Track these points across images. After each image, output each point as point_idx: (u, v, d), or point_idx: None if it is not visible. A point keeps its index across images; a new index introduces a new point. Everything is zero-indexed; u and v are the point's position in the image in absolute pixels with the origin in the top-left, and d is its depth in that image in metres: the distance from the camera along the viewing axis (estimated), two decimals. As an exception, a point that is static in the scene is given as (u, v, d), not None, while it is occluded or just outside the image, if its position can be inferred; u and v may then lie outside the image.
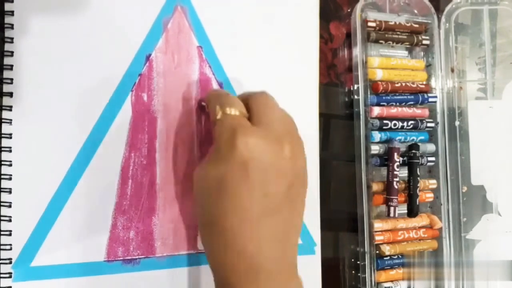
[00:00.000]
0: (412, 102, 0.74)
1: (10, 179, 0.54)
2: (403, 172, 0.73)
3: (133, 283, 0.60)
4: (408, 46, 0.75)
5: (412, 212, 0.72)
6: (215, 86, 0.64)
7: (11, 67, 0.54)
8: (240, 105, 0.55)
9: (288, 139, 0.54)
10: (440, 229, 0.74)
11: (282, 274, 0.54)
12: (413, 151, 0.72)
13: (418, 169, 0.72)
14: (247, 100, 0.56)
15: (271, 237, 0.52)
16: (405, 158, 0.73)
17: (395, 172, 0.71)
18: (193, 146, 0.62)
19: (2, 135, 0.54)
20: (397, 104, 0.73)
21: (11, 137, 0.54)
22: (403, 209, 0.73)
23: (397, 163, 0.71)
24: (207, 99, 0.60)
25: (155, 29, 0.60)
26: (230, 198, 0.50)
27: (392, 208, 0.71)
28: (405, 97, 0.73)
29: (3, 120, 0.54)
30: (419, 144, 0.73)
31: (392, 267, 0.72)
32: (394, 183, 0.71)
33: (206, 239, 0.54)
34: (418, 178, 0.72)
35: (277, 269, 0.53)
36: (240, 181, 0.50)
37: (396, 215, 0.71)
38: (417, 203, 0.72)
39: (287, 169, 0.53)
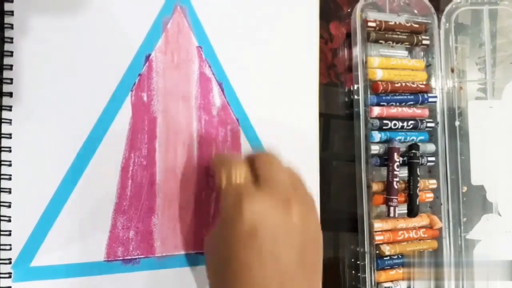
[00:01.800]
0: (412, 102, 0.74)
1: (10, 179, 0.54)
2: (403, 172, 0.73)
3: (132, 283, 0.60)
4: (408, 46, 0.75)
5: (412, 212, 0.72)
6: (214, 86, 0.64)
7: (10, 67, 0.54)
8: (245, 170, 0.55)
9: (296, 199, 0.53)
10: (440, 229, 0.74)
11: None
12: (413, 151, 0.72)
13: (418, 169, 0.72)
14: (252, 161, 0.56)
15: None
16: (405, 158, 0.73)
17: (395, 172, 0.71)
18: (193, 146, 0.62)
19: (2, 135, 0.54)
20: (397, 104, 0.73)
21: (10, 137, 0.54)
22: (403, 209, 0.73)
23: (397, 163, 0.71)
24: (212, 165, 0.60)
25: (155, 29, 0.60)
26: (241, 268, 0.50)
27: (392, 208, 0.71)
28: (405, 97, 0.73)
29: (2, 120, 0.54)
30: (419, 144, 0.73)
31: (392, 267, 0.72)
32: (394, 183, 0.71)
33: None
34: (418, 178, 0.72)
35: None
36: (250, 250, 0.49)
37: (396, 215, 0.71)
38: (417, 203, 0.72)
39: (298, 231, 0.52)
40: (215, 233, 0.54)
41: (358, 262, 0.71)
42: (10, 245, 0.54)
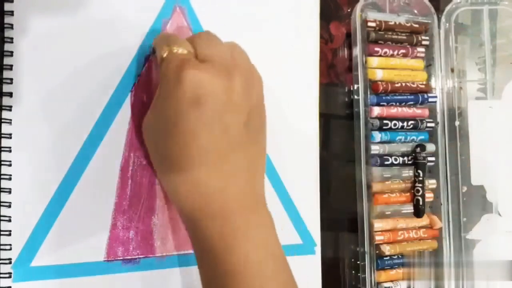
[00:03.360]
0: (412, 102, 0.74)
1: (10, 179, 0.54)
2: (406, 172, 0.73)
3: (133, 283, 0.60)
4: (408, 46, 0.75)
5: (420, 212, 0.72)
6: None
7: (10, 67, 0.54)
8: (188, 45, 0.54)
9: (238, 71, 0.52)
10: (440, 229, 0.74)
11: (251, 208, 0.53)
12: (419, 151, 0.72)
13: (425, 169, 0.73)
14: (193, 40, 0.55)
15: (236, 173, 0.51)
16: (408, 158, 0.73)
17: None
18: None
19: (2, 135, 0.54)
20: (397, 104, 0.73)
21: (10, 137, 0.54)
22: (405, 209, 0.74)
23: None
24: (154, 42, 0.58)
25: (154, 29, 0.60)
26: (188, 138, 0.49)
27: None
28: (405, 97, 0.73)
29: (2, 120, 0.54)
30: (425, 144, 0.73)
31: (392, 267, 0.72)
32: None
33: (168, 184, 0.53)
34: (425, 178, 0.73)
35: (245, 204, 0.53)
36: (195, 119, 0.49)
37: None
38: (424, 204, 0.72)
39: (242, 102, 0.51)
40: (156, 107, 0.53)
41: (358, 262, 0.71)
42: (10, 245, 0.54)
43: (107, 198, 0.58)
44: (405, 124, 0.73)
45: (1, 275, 0.54)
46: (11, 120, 0.54)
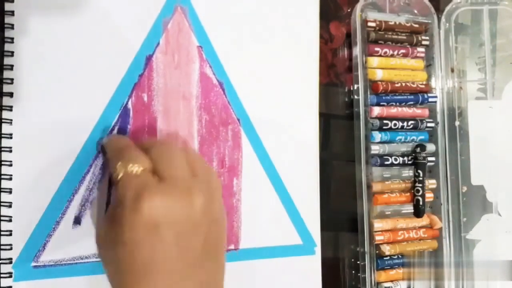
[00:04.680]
0: (412, 102, 0.74)
1: (11, 179, 0.54)
2: (406, 172, 0.73)
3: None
4: (408, 46, 0.75)
5: (420, 212, 0.72)
6: (215, 85, 0.64)
7: (11, 67, 0.54)
8: (143, 159, 0.51)
9: (197, 186, 0.51)
10: (440, 229, 0.74)
11: None
12: (419, 151, 0.72)
13: (425, 169, 0.73)
14: (149, 151, 0.53)
15: None
16: (408, 158, 0.73)
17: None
18: (194, 145, 0.62)
19: (3, 135, 0.54)
20: (397, 104, 0.73)
21: (11, 137, 0.54)
22: (405, 209, 0.74)
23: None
24: (107, 149, 0.57)
25: (155, 29, 0.60)
26: (143, 262, 0.48)
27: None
28: (405, 97, 0.73)
29: (3, 120, 0.54)
30: (425, 144, 0.73)
31: (392, 267, 0.72)
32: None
33: None
34: (425, 178, 0.73)
35: None
36: (152, 246, 0.48)
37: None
38: (424, 204, 0.72)
39: (201, 222, 0.50)
40: (111, 227, 0.50)
41: (358, 262, 0.71)
42: (10, 245, 0.54)
43: (108, 198, 0.58)
44: (405, 124, 0.73)
45: (2, 275, 0.54)
46: (11, 120, 0.54)
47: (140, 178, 0.50)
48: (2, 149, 0.54)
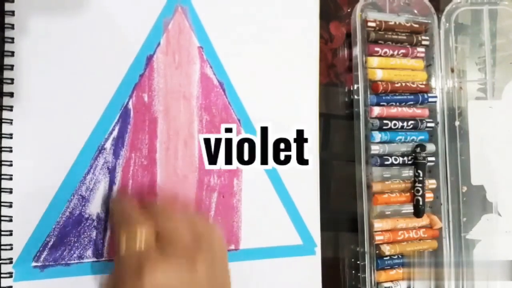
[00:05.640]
0: (412, 102, 0.74)
1: (11, 179, 0.54)
2: (406, 172, 0.74)
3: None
4: (408, 46, 0.75)
5: (420, 212, 0.72)
6: (216, 86, 0.64)
7: (11, 67, 0.54)
8: (146, 232, 0.51)
9: (200, 255, 0.51)
10: (440, 229, 0.74)
11: None
12: (419, 151, 0.72)
13: (425, 169, 0.73)
14: (152, 214, 0.54)
15: None
16: (408, 158, 0.73)
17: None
18: (194, 146, 0.62)
19: (3, 135, 0.54)
20: (397, 104, 0.73)
21: (11, 137, 0.54)
22: (405, 209, 0.74)
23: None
24: (113, 211, 0.58)
25: (156, 29, 0.60)
26: None
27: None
28: (405, 97, 0.73)
29: (3, 120, 0.54)
30: (425, 144, 0.73)
31: (392, 267, 0.72)
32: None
33: None
34: (425, 178, 0.73)
35: None
36: None
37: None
38: (424, 204, 0.72)
39: (205, 284, 0.51)
40: None
41: (358, 262, 0.71)
42: (11, 245, 0.54)
43: (108, 198, 0.58)
44: (405, 124, 0.73)
45: (2, 275, 0.54)
46: (12, 120, 0.54)
47: (142, 253, 0.50)
48: (3, 149, 0.54)
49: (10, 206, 0.54)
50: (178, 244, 0.51)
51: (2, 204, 0.54)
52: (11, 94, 0.54)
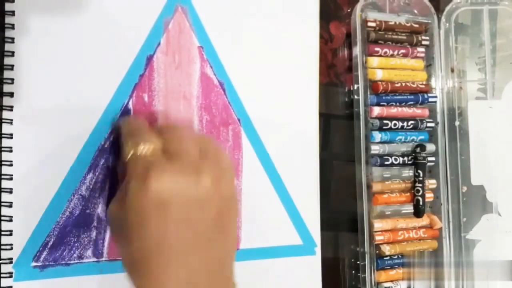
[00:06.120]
0: (412, 102, 0.74)
1: (11, 179, 0.54)
2: (406, 172, 0.74)
3: (133, 283, 0.60)
4: (408, 46, 0.75)
5: (420, 212, 0.72)
6: (216, 86, 0.64)
7: (11, 67, 0.54)
8: (154, 139, 0.53)
9: (206, 166, 0.51)
10: (440, 229, 0.74)
11: None
12: (419, 151, 0.72)
13: (425, 169, 0.73)
14: (163, 131, 0.55)
15: (205, 268, 0.51)
16: (408, 158, 0.73)
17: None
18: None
19: (3, 135, 0.54)
20: (397, 104, 0.73)
21: (11, 137, 0.54)
22: (405, 209, 0.74)
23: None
24: (122, 129, 0.57)
25: (156, 29, 0.60)
26: (153, 242, 0.49)
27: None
28: (405, 97, 0.73)
29: (3, 120, 0.54)
30: (425, 144, 0.73)
31: (392, 267, 0.72)
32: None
33: (135, 281, 0.51)
34: (425, 178, 0.73)
35: None
36: (160, 222, 0.49)
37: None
38: (424, 204, 0.72)
39: (210, 198, 0.51)
40: (122, 203, 0.51)
41: (358, 262, 0.71)
42: (11, 244, 0.54)
43: (108, 198, 0.58)
44: (405, 124, 0.73)
45: (2, 275, 0.54)
46: (12, 120, 0.54)
47: (148, 157, 0.51)
48: (3, 149, 0.54)
49: (10, 206, 0.54)
50: (184, 157, 0.51)
51: (2, 204, 0.54)
52: (11, 94, 0.54)
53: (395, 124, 0.72)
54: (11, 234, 0.54)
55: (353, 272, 0.72)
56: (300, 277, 0.68)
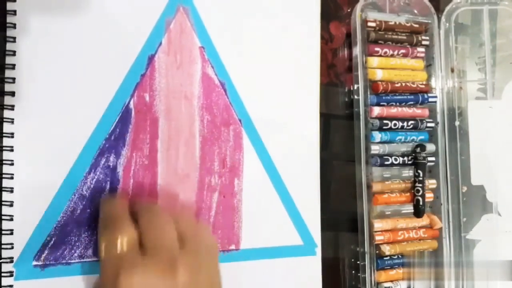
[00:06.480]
0: (412, 102, 0.74)
1: (12, 178, 0.54)
2: (406, 172, 0.74)
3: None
4: (408, 46, 0.75)
5: (420, 212, 0.72)
6: (217, 86, 0.64)
7: (13, 67, 0.54)
8: (129, 230, 0.51)
9: (183, 258, 0.50)
10: (440, 229, 0.74)
11: None
12: (419, 151, 0.72)
13: (425, 169, 0.73)
14: (139, 216, 0.53)
15: None
16: (408, 158, 0.73)
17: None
18: (195, 146, 0.63)
19: (4, 134, 0.54)
20: (397, 104, 0.73)
21: (13, 136, 0.54)
22: (405, 209, 0.74)
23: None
24: (100, 211, 0.56)
25: (158, 29, 0.61)
26: None
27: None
28: (405, 97, 0.73)
29: (5, 119, 0.54)
30: (425, 144, 0.73)
31: (392, 267, 0.72)
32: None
33: None
34: (425, 178, 0.73)
35: None
36: None
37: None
38: (424, 204, 0.72)
39: None
40: None
41: (358, 262, 0.71)
42: (12, 244, 0.54)
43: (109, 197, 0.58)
44: (405, 124, 0.73)
45: (3, 274, 0.54)
46: (13, 119, 0.54)
47: (121, 257, 0.49)
48: (4, 148, 0.54)
49: (11, 205, 0.54)
50: (160, 247, 0.50)
51: (3, 203, 0.54)
52: (12, 93, 0.54)
53: (395, 124, 0.72)
54: (12, 233, 0.54)
55: (353, 272, 0.72)
56: (300, 277, 0.68)
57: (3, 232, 0.54)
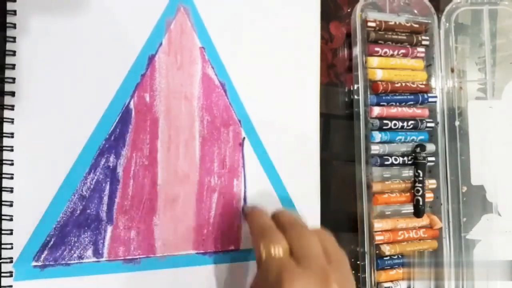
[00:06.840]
0: (412, 102, 0.74)
1: (12, 178, 0.54)
2: (406, 172, 0.74)
3: (133, 282, 0.60)
4: (408, 46, 0.75)
5: (420, 212, 0.72)
6: (217, 86, 0.64)
7: (13, 67, 0.54)
8: (283, 242, 0.55)
9: (333, 272, 0.52)
10: (440, 229, 0.74)
11: None
12: (419, 151, 0.72)
13: (425, 169, 0.73)
14: (286, 231, 0.56)
15: None
16: (408, 158, 0.73)
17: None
18: (195, 146, 0.62)
19: (4, 134, 0.54)
20: (397, 104, 0.73)
21: (13, 136, 0.54)
22: (405, 209, 0.74)
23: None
24: (249, 223, 0.61)
25: (158, 29, 0.60)
26: None
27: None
28: (405, 97, 0.73)
29: (5, 119, 0.54)
30: (425, 144, 0.73)
31: (392, 267, 0.72)
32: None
33: None
34: (425, 178, 0.73)
35: None
36: None
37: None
38: (424, 204, 0.72)
39: None
40: None
41: (358, 262, 0.71)
42: (11, 244, 0.54)
43: (109, 197, 0.58)
44: (405, 124, 0.73)
45: (3, 274, 0.54)
46: (13, 119, 0.54)
47: (281, 261, 0.53)
48: (4, 148, 0.54)
49: (11, 205, 0.54)
50: (312, 259, 0.53)
51: (2, 203, 0.54)
52: (12, 93, 0.54)
53: (395, 124, 0.72)
54: (11, 234, 0.54)
55: (353, 272, 0.71)
56: (300, 277, 0.68)
57: (3, 232, 0.54)
